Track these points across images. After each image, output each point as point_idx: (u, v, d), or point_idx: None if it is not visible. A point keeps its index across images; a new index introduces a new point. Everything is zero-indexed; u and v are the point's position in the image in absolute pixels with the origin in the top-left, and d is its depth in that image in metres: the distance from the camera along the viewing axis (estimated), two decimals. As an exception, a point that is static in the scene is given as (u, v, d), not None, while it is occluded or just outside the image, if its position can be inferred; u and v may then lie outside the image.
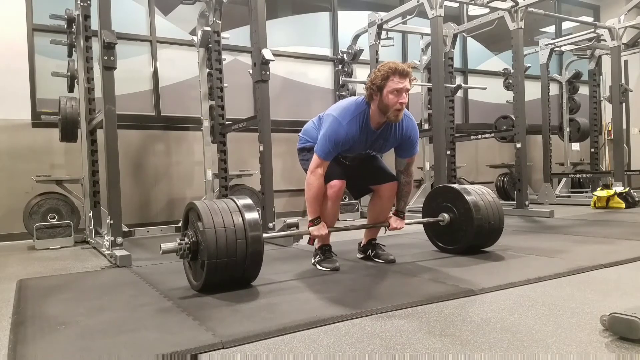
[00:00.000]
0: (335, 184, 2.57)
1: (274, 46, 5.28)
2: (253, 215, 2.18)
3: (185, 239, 2.23)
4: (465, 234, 2.88)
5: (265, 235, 2.26)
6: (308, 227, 2.59)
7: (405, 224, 2.81)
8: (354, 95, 5.57)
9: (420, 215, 3.27)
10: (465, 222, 2.87)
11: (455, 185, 3.05)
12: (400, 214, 2.79)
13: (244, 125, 4.23)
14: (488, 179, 7.26)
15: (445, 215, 2.95)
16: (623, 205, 5.62)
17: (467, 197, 2.86)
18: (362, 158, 2.74)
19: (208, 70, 4.75)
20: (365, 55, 5.88)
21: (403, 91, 2.40)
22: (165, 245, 2.18)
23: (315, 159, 2.52)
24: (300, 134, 2.84)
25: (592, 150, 7.32)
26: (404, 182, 2.73)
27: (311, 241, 2.66)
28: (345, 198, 5.62)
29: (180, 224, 2.47)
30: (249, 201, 2.24)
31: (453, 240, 2.98)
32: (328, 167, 2.55)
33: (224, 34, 4.72)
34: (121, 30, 4.29)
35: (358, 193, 2.94)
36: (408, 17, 5.33)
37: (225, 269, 2.12)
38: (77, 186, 4.35)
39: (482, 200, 2.89)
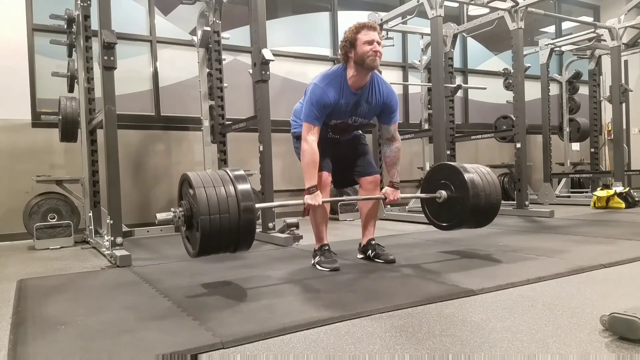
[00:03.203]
0: (319, 175, 2.63)
1: (274, 46, 5.28)
2: (245, 186, 2.18)
3: (180, 208, 2.23)
4: (462, 207, 2.81)
5: (257, 205, 2.25)
6: (304, 196, 2.59)
7: (402, 198, 2.81)
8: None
9: (421, 213, 3.26)
10: (462, 197, 2.80)
11: (453, 163, 3.01)
12: (395, 184, 2.80)
13: (244, 125, 4.23)
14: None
15: (443, 192, 2.89)
16: (623, 205, 5.61)
17: (464, 172, 2.80)
18: (351, 142, 2.80)
19: (208, 70, 4.75)
20: (365, 56, 5.87)
21: (374, 42, 2.51)
22: (160, 215, 2.20)
23: (304, 126, 2.59)
24: (291, 117, 2.88)
25: (592, 150, 7.31)
26: (394, 148, 2.80)
27: (306, 211, 2.67)
28: (345, 198, 5.63)
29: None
30: (241, 172, 2.24)
31: (450, 217, 2.92)
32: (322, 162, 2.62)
33: (224, 34, 4.72)
34: (121, 30, 4.30)
35: (342, 183, 2.97)
36: (408, 17, 5.33)
37: (219, 233, 2.08)
38: (77, 186, 4.35)
39: (478, 175, 2.83)
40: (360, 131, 2.94)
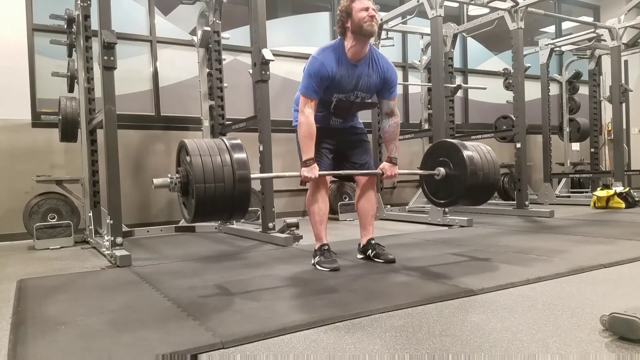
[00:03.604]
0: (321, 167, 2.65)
1: (274, 46, 5.28)
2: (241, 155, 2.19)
3: (177, 174, 2.26)
4: (459, 183, 2.78)
5: (253, 175, 2.24)
6: (301, 169, 2.60)
7: (399, 174, 2.81)
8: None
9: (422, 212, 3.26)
10: (460, 173, 2.77)
11: (453, 140, 2.98)
12: (392, 159, 2.80)
13: (244, 125, 4.23)
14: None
15: (441, 169, 2.86)
16: (623, 205, 5.61)
17: (463, 150, 2.77)
18: (352, 138, 2.81)
19: (208, 70, 4.75)
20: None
21: (370, 8, 2.55)
22: (157, 180, 2.22)
23: (301, 99, 2.61)
24: (293, 107, 2.88)
25: (592, 150, 7.31)
26: (393, 123, 2.81)
27: (303, 183, 2.67)
28: (345, 198, 5.63)
29: (179, 224, 2.47)
30: (238, 141, 2.25)
31: (447, 194, 2.89)
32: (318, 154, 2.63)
33: (224, 34, 4.72)
34: (121, 30, 4.29)
35: (342, 178, 2.98)
36: (408, 17, 5.33)
37: (214, 202, 2.09)
38: (77, 186, 4.35)
39: (477, 153, 2.81)
40: (362, 126, 2.94)
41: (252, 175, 2.18)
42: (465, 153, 2.75)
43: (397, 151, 2.83)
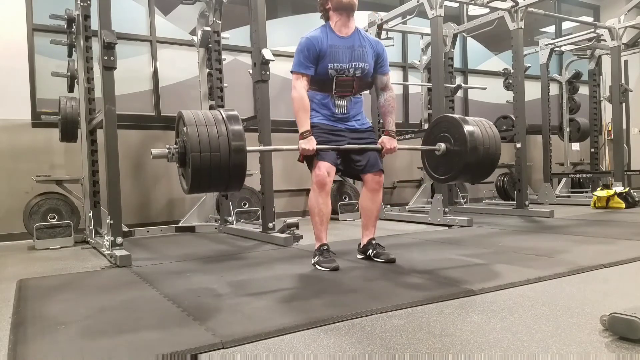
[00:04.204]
0: (319, 165, 2.66)
1: (274, 46, 5.28)
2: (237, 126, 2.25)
3: (175, 145, 2.29)
4: (460, 158, 2.75)
5: (249, 149, 2.30)
6: (298, 141, 2.62)
7: (399, 149, 2.81)
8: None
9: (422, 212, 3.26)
10: (460, 150, 2.75)
11: (455, 115, 2.95)
12: (391, 132, 2.81)
13: (243, 125, 4.21)
14: (488, 178, 7.24)
15: (442, 144, 2.83)
16: (623, 205, 5.61)
17: (464, 125, 2.75)
18: (360, 137, 2.78)
19: (208, 70, 4.75)
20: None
21: None
22: (155, 150, 2.26)
23: (293, 78, 2.68)
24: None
25: (592, 150, 7.31)
26: (388, 97, 2.85)
27: (301, 157, 2.68)
28: (345, 198, 5.62)
29: (179, 224, 2.48)
30: (234, 113, 2.30)
31: (448, 169, 2.87)
32: (321, 151, 2.65)
33: (224, 34, 4.72)
34: (121, 30, 4.29)
35: (347, 174, 3.00)
36: (408, 17, 5.33)
37: (210, 172, 2.14)
38: (77, 186, 4.35)
39: (479, 128, 2.78)
40: (370, 125, 2.90)
41: (248, 148, 2.24)
42: (466, 128, 2.72)
43: (394, 125, 2.84)
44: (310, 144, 2.60)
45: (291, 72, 2.71)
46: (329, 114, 2.76)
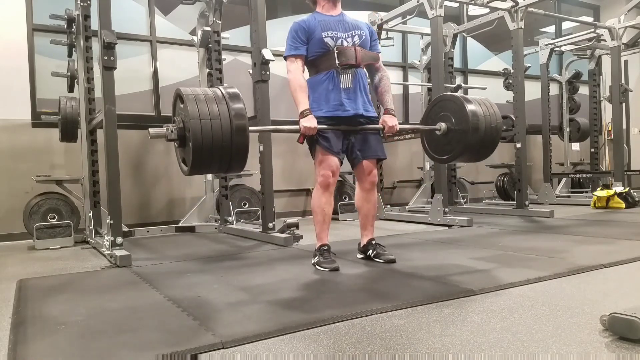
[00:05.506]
0: (326, 158, 2.65)
1: (274, 46, 5.27)
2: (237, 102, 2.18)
3: (172, 124, 2.25)
4: (461, 137, 2.72)
5: (252, 128, 2.24)
6: (299, 120, 2.59)
7: (400, 129, 2.80)
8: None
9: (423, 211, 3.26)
10: (461, 129, 2.70)
11: (455, 94, 2.90)
12: (390, 110, 2.81)
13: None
14: (488, 178, 7.26)
15: (442, 124, 2.79)
16: (623, 205, 5.61)
17: (465, 104, 2.71)
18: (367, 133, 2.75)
19: (208, 70, 4.75)
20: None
21: None
22: (153, 130, 2.23)
23: (287, 62, 2.70)
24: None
25: (592, 150, 7.32)
26: (381, 76, 2.87)
27: (301, 138, 2.64)
28: (345, 198, 5.63)
29: (179, 224, 2.46)
30: (235, 90, 2.22)
31: (449, 149, 2.82)
32: (325, 143, 2.63)
33: (224, 34, 4.72)
34: (121, 30, 4.30)
35: (351, 162, 2.90)
36: (408, 17, 5.33)
37: (212, 142, 2.07)
38: (77, 186, 4.35)
39: (480, 106, 2.75)
40: (375, 115, 2.84)
41: (251, 128, 2.18)
42: (468, 107, 2.69)
43: (392, 103, 2.84)
44: (312, 122, 2.57)
45: (284, 58, 2.71)
46: (337, 102, 2.66)
